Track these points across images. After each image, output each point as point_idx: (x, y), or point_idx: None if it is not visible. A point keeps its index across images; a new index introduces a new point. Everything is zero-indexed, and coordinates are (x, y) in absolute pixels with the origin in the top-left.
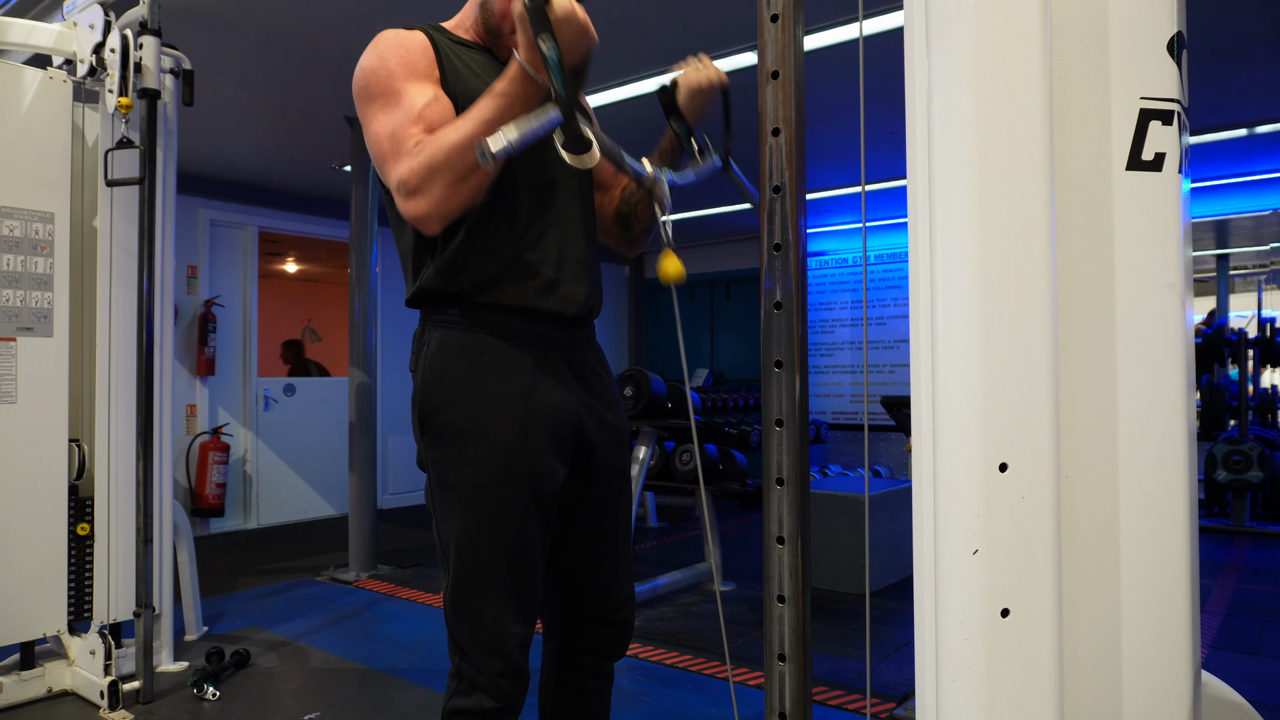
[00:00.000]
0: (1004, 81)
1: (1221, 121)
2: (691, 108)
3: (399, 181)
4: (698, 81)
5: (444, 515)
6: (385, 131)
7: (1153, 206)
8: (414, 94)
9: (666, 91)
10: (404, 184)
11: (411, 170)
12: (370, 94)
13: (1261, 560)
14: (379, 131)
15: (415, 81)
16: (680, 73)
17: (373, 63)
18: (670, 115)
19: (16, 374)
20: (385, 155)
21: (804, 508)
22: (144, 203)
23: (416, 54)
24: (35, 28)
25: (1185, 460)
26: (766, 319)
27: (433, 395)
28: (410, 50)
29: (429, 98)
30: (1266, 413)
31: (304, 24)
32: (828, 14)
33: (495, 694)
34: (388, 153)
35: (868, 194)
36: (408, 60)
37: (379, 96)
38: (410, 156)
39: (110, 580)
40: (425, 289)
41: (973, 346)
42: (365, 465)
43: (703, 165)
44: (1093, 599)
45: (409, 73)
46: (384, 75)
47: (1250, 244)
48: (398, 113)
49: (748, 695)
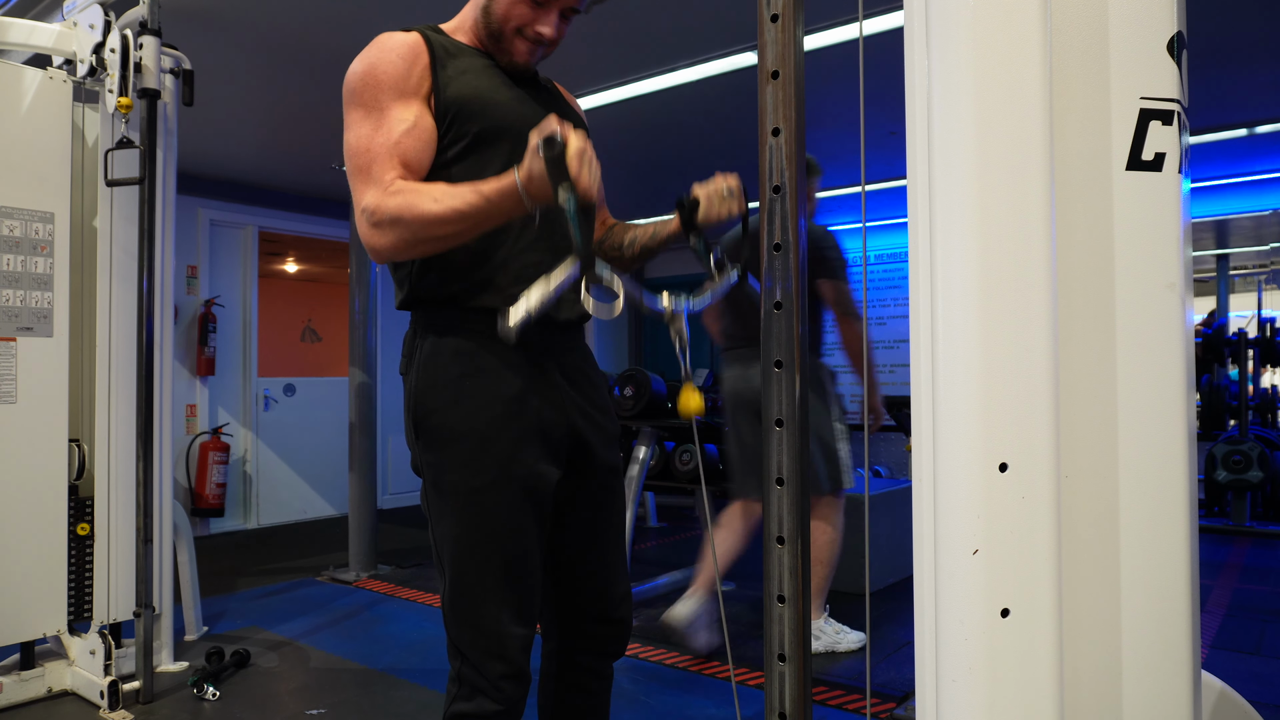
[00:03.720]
0: (1004, 81)
1: (1221, 121)
2: (711, 220)
3: (365, 209)
4: (718, 191)
5: (440, 518)
6: (361, 146)
7: (1153, 206)
8: (396, 117)
9: (683, 206)
10: (369, 214)
11: (381, 209)
12: (356, 100)
13: (1261, 560)
14: (355, 143)
15: (401, 101)
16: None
17: (365, 68)
18: (689, 230)
19: (16, 374)
20: (356, 170)
21: (804, 508)
22: (144, 203)
23: (409, 63)
24: (35, 28)
25: (1185, 460)
26: (766, 319)
27: (427, 399)
28: (404, 59)
29: (409, 123)
30: (1266, 413)
31: (304, 24)
32: (828, 14)
33: (497, 697)
34: (359, 170)
35: (868, 194)
36: (398, 74)
37: (362, 106)
38: (383, 193)
39: (110, 580)
40: (416, 295)
41: (973, 346)
42: (365, 465)
43: (720, 284)
44: (1093, 599)
45: (397, 90)
46: (372, 86)
47: (1250, 244)
48: (377, 133)
49: (748, 695)
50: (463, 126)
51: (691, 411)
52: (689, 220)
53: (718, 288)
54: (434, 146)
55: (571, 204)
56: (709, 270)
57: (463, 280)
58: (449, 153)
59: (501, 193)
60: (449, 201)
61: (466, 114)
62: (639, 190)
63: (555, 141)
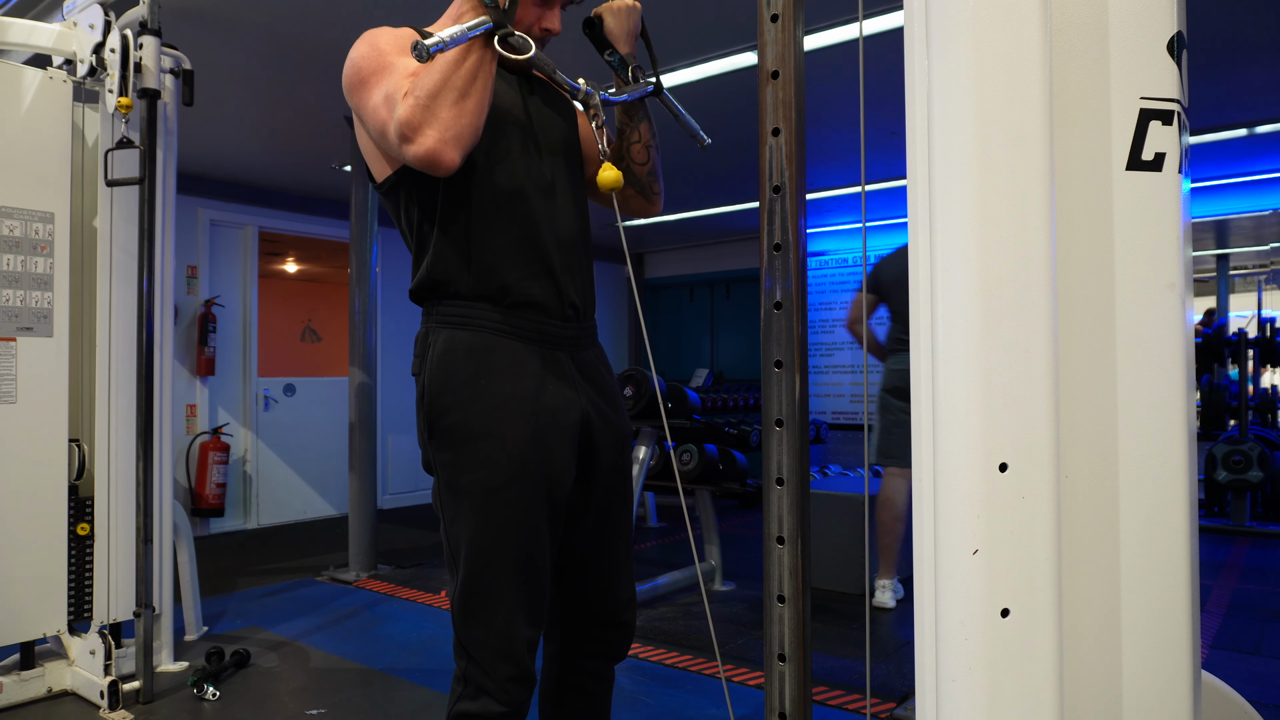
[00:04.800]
0: (1004, 81)
1: (1221, 121)
2: (619, 34)
3: (400, 126)
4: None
5: (454, 518)
6: (380, 99)
7: (1153, 206)
8: (407, 62)
9: (592, 24)
10: (406, 125)
11: (409, 108)
12: (362, 76)
13: (1261, 560)
14: (374, 101)
15: (407, 56)
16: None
17: (363, 50)
18: (602, 49)
19: (16, 374)
20: (384, 119)
21: (804, 508)
22: (144, 203)
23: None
24: (35, 28)
25: (1185, 460)
26: (766, 319)
27: (442, 397)
28: (401, 36)
29: None
30: (1266, 413)
31: (304, 24)
32: (828, 14)
33: (503, 698)
34: (385, 114)
35: (868, 194)
36: (398, 42)
37: (371, 74)
38: (404, 100)
39: (110, 580)
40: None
41: (973, 346)
42: (365, 465)
43: (637, 88)
44: (1093, 599)
45: (400, 50)
46: (375, 56)
47: (1250, 244)
48: (390, 78)
49: (748, 695)
50: None
51: (608, 184)
52: (599, 38)
53: (635, 91)
54: None
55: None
56: (626, 79)
57: (472, 272)
58: None
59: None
60: (439, 61)
61: None
62: None
63: None
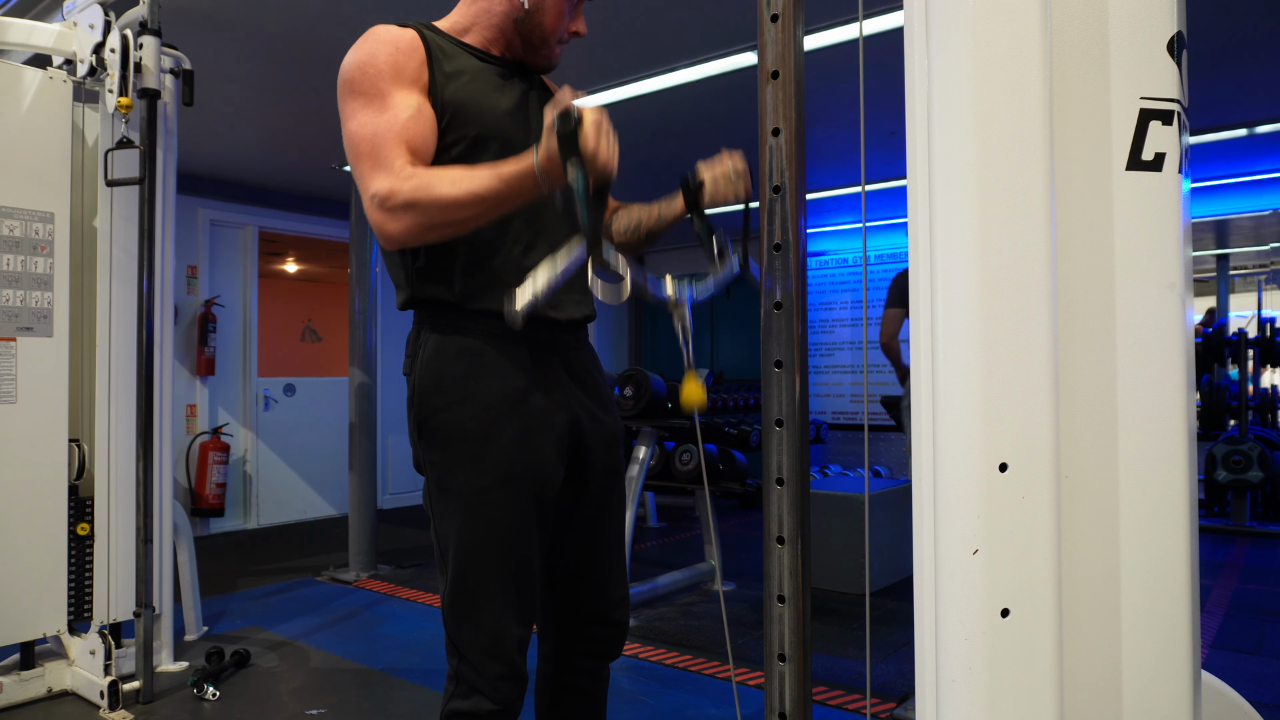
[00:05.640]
0: (1004, 81)
1: (1221, 121)
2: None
3: (378, 195)
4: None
5: (443, 518)
6: (366, 133)
7: (1153, 206)
8: (399, 103)
9: (689, 188)
10: (383, 200)
11: (396, 194)
12: (354, 89)
13: (1261, 560)
14: (359, 131)
15: (401, 88)
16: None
17: (361, 58)
18: (692, 212)
19: (16, 374)
20: (363, 158)
21: (804, 508)
22: (144, 203)
23: (407, 54)
24: (35, 28)
25: (1185, 460)
26: (766, 319)
27: (432, 398)
28: (401, 50)
29: (412, 109)
30: (1266, 413)
31: (304, 24)
32: (828, 14)
33: (494, 696)
34: (367, 157)
35: (868, 194)
36: (397, 62)
37: (363, 94)
38: (396, 178)
39: (110, 580)
40: (417, 296)
41: (973, 346)
42: (365, 465)
43: (720, 272)
44: (1093, 599)
45: (396, 76)
46: (371, 73)
47: (1250, 244)
48: (380, 118)
49: (748, 695)
50: (461, 130)
51: (694, 404)
52: (693, 202)
53: (719, 276)
54: (436, 136)
55: (580, 181)
56: (711, 257)
57: (462, 285)
58: (452, 151)
59: (520, 174)
60: (467, 184)
61: (464, 117)
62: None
63: (570, 116)
